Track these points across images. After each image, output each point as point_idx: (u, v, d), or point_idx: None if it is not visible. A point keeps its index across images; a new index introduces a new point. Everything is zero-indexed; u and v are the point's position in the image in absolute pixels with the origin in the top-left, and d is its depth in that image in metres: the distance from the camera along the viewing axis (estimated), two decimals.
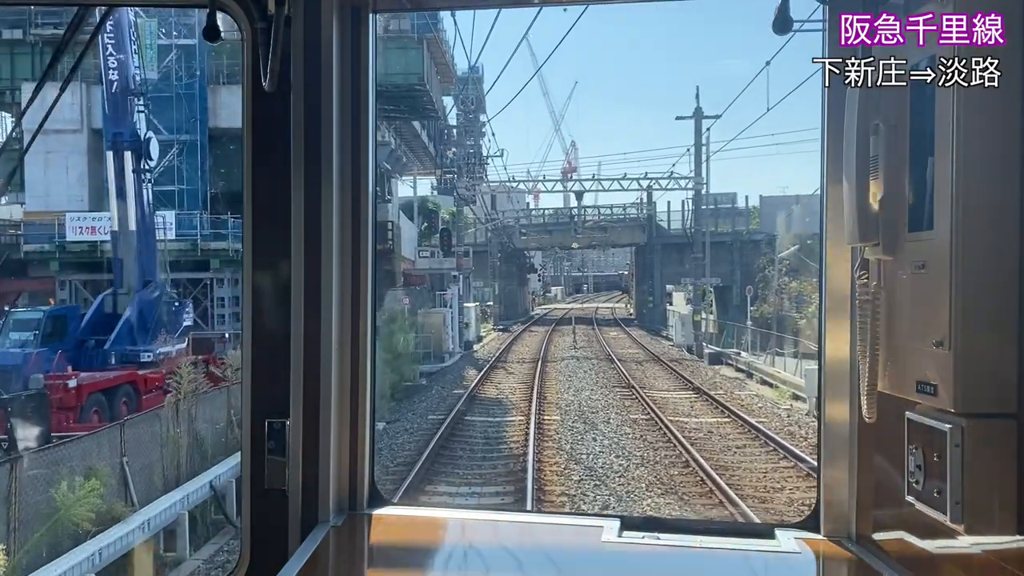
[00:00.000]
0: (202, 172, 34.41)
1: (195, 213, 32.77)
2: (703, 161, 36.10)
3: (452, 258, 36.26)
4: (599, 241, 54.85)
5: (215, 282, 32.88)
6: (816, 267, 2.47)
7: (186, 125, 35.21)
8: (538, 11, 15.20)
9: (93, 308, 23.60)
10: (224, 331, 32.89)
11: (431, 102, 37.41)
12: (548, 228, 55.93)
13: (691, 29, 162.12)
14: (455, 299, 34.53)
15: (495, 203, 51.57)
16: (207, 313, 33.55)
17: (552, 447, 16.29)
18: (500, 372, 27.67)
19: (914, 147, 1.90)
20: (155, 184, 36.60)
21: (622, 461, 15.47)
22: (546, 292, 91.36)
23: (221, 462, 14.53)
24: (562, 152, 57.16)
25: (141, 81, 24.21)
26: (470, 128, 40.56)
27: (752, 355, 29.84)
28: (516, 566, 2.40)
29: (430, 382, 25.43)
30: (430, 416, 19.55)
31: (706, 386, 23.32)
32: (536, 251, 66.77)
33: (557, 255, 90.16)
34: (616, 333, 43.54)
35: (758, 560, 2.28)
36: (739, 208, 47.37)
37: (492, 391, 23.79)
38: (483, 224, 49.57)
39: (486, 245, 51.49)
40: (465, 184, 36.85)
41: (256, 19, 2.23)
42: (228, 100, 35.68)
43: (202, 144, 33.67)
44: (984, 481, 1.73)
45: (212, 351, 31.70)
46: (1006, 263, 1.71)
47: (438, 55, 38.12)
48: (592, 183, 38.60)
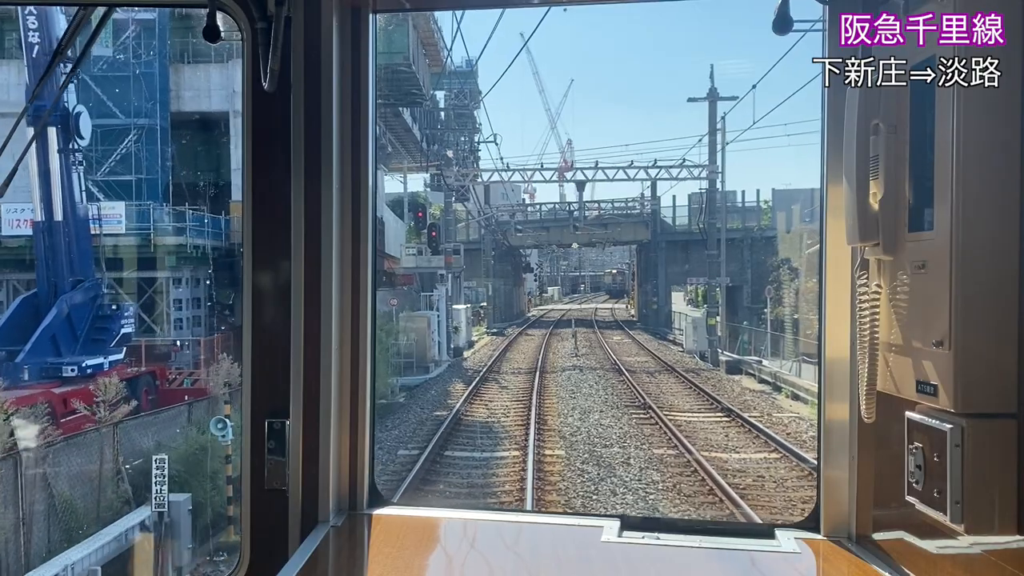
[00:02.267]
0: (163, 160, 30.70)
1: (154, 205, 30.40)
2: (718, 149, 31.71)
3: (441, 256, 32.42)
4: (599, 238, 52.16)
5: (172, 282, 30.42)
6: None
7: (145, 108, 31.37)
8: (546, 11, 15.01)
9: (8, 313, 19.78)
10: (180, 338, 28.88)
11: (418, 85, 34.12)
12: (545, 224, 53.60)
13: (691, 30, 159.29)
14: (442, 300, 30.65)
15: (488, 197, 47.87)
16: (163, 317, 29.49)
17: (558, 504, 12.14)
18: (492, 386, 23.88)
19: (914, 147, 1.94)
20: (111, 173, 33.09)
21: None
22: (542, 292, 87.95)
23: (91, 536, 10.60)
24: (558, 151, 53.74)
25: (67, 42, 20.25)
26: (461, 112, 36.74)
27: (774, 362, 25.97)
28: (516, 566, 2.41)
29: (409, 399, 21.68)
30: (401, 451, 15.82)
31: (735, 404, 19.35)
32: (532, 249, 63.48)
33: (554, 253, 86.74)
34: (619, 337, 40.88)
35: (758, 560, 2.31)
36: (749, 204, 45.94)
37: (481, 412, 19.97)
38: (475, 219, 45.98)
39: (479, 242, 49.30)
40: (455, 174, 32.95)
41: (256, 19, 2.29)
42: (193, 80, 31.95)
43: (163, 129, 31.26)
44: (984, 481, 1.75)
45: (167, 360, 27.73)
46: (1006, 263, 1.74)
47: (426, 34, 34.51)
48: (595, 171, 34.26)
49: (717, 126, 33.73)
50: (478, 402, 22.27)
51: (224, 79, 33.43)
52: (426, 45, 38.69)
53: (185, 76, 31.55)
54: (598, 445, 16.93)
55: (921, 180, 1.90)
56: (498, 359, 32.13)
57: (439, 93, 38.03)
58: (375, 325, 2.58)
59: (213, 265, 31.99)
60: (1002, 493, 1.75)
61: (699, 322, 34.83)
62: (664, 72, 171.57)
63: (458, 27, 43.73)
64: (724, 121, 33.92)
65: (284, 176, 2.38)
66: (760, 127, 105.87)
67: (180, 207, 29.71)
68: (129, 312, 22.76)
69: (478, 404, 21.99)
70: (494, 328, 47.12)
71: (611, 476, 14.75)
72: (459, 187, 37.01)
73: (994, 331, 1.75)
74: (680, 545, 2.37)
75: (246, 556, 2.41)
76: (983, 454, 1.75)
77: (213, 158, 35.33)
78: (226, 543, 13.60)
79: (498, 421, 19.43)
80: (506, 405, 21.62)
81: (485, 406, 21.57)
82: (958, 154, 1.75)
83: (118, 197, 31.79)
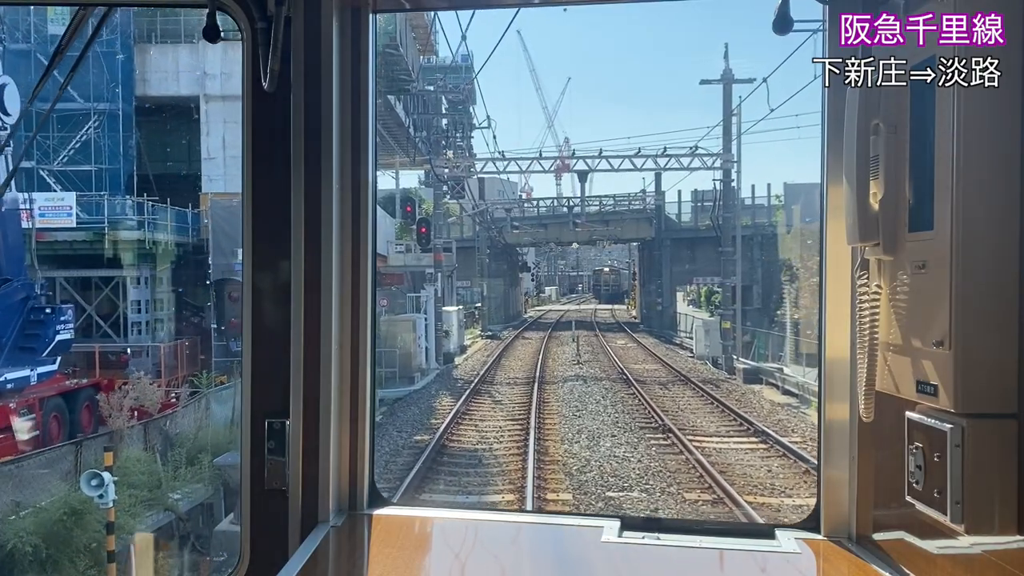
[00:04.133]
0: (126, 149, 27.72)
1: (117, 197, 27.80)
2: (733, 137, 28.82)
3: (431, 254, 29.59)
4: (600, 235, 50.03)
5: (129, 281, 28.36)
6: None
7: (106, 92, 28.29)
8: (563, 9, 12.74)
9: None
10: (135, 345, 25.98)
11: (406, 70, 31.30)
12: (543, 221, 50.96)
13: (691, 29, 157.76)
14: (431, 302, 27.68)
15: (483, 192, 45.13)
16: (120, 322, 26.71)
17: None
18: (484, 401, 21.02)
19: (914, 147, 1.98)
20: (70, 163, 30.21)
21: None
22: (539, 293, 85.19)
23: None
24: (555, 148, 50.98)
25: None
26: (453, 99, 33.90)
27: (796, 369, 23.09)
28: (516, 566, 2.47)
29: (387, 418, 18.64)
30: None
31: (768, 424, 16.28)
32: (529, 247, 60.68)
33: (552, 252, 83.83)
34: (623, 341, 38.77)
35: (758, 560, 2.37)
36: (759, 198, 43.76)
37: (471, 437, 17.04)
38: (469, 215, 43.29)
39: (474, 240, 46.05)
40: (446, 162, 30.00)
41: (256, 19, 2.34)
42: (161, 62, 28.90)
43: (126, 114, 27.89)
44: (984, 481, 1.78)
45: (125, 367, 24.96)
46: (1006, 263, 1.78)
47: (414, 16, 31.82)
48: (598, 161, 31.29)
49: (733, 111, 30.65)
50: (467, 423, 19.72)
51: (194, 60, 30.57)
52: (415, 28, 36.25)
53: (152, 57, 29.61)
54: (614, 486, 14.08)
55: (921, 180, 1.94)
56: (492, 367, 30.33)
57: (430, 87, 35.20)
58: (375, 325, 2.65)
59: (177, 263, 29.11)
60: (1002, 493, 1.78)
61: (711, 325, 32.37)
62: (664, 72, 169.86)
63: (460, 25, 41.11)
64: (740, 108, 30.99)
65: (284, 176, 2.43)
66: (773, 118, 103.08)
67: (143, 199, 27.71)
68: (67, 316, 19.99)
69: (467, 426, 19.44)
70: (489, 331, 45.17)
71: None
72: (451, 178, 34.12)
73: (994, 331, 1.79)
74: (680, 545, 2.42)
75: (246, 556, 2.47)
76: (983, 454, 1.78)
77: (182, 146, 32.64)
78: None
79: (490, 449, 16.50)
80: (499, 427, 18.83)
81: (475, 427, 18.84)
82: (958, 154, 1.78)
83: (77, 188, 28.94)
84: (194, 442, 16.68)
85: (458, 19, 29.25)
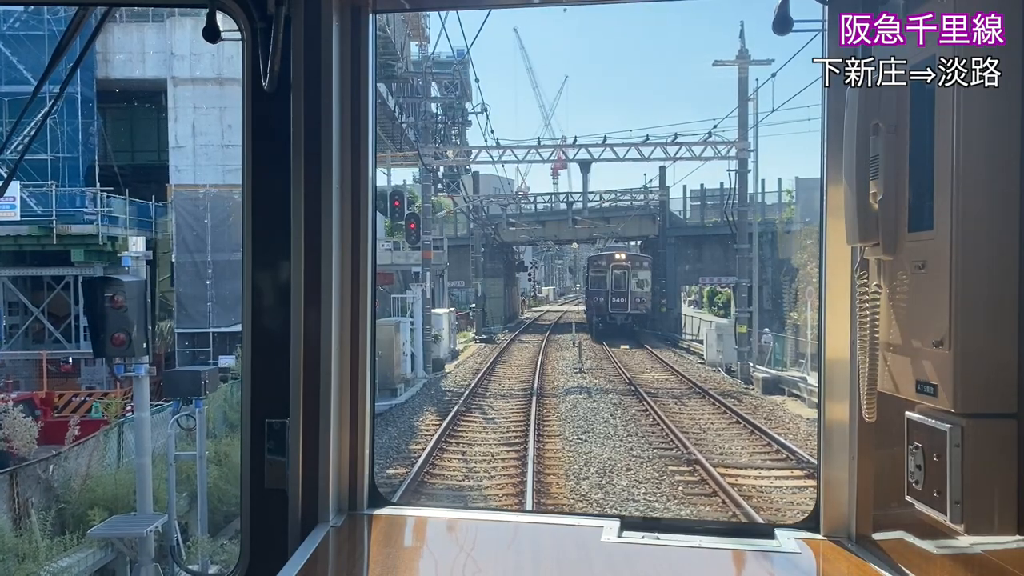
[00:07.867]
0: (86, 136, 24.90)
1: (75, 188, 25.26)
2: (749, 125, 26.15)
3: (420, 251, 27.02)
4: (601, 233, 47.63)
5: (82, 280, 24.94)
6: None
7: (64, 74, 24.39)
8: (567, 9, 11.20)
9: None
10: (88, 353, 23.28)
11: (393, 54, 28.76)
12: (541, 218, 47.95)
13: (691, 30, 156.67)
14: (418, 304, 24.95)
15: (478, 187, 42.56)
16: (71, 325, 24.05)
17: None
18: (475, 419, 18.49)
19: (914, 147, 2.01)
20: (21, 151, 27.02)
21: None
22: (536, 293, 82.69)
23: None
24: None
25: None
26: (448, 81, 31.32)
27: None
28: (516, 566, 2.47)
29: None
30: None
31: (810, 450, 13.60)
32: (527, 245, 58.11)
33: (549, 251, 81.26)
34: (627, 345, 36.40)
35: (758, 560, 2.39)
36: (769, 193, 41.65)
37: (455, 471, 13.98)
38: (462, 211, 40.63)
39: (468, 238, 43.14)
40: (434, 150, 27.26)
41: (256, 19, 2.38)
42: (125, 42, 26.19)
43: (86, 99, 25.03)
44: (984, 481, 1.80)
45: (76, 377, 22.69)
46: (1006, 263, 1.79)
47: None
48: (603, 150, 28.55)
49: (749, 96, 27.94)
50: (452, 450, 17.15)
51: (161, 41, 27.81)
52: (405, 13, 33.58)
53: (115, 37, 27.04)
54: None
55: (921, 180, 1.97)
56: (486, 374, 28.90)
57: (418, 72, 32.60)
58: (375, 325, 2.69)
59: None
60: (1002, 493, 1.79)
61: (724, 329, 29.80)
62: (664, 72, 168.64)
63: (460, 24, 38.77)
64: (757, 93, 28.28)
65: (284, 176, 2.46)
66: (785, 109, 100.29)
67: (107, 190, 25.54)
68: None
69: (452, 453, 16.86)
70: (483, 334, 42.23)
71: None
72: (442, 166, 31.42)
73: (994, 331, 1.80)
74: (680, 545, 2.44)
75: (246, 556, 2.50)
76: (983, 454, 1.79)
77: (148, 133, 30.01)
78: None
79: (480, 486, 13.41)
80: (492, 452, 16.24)
81: (463, 459, 15.74)
82: (958, 154, 1.80)
83: (31, 179, 26.22)
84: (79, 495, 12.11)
85: (459, 19, 26.99)
